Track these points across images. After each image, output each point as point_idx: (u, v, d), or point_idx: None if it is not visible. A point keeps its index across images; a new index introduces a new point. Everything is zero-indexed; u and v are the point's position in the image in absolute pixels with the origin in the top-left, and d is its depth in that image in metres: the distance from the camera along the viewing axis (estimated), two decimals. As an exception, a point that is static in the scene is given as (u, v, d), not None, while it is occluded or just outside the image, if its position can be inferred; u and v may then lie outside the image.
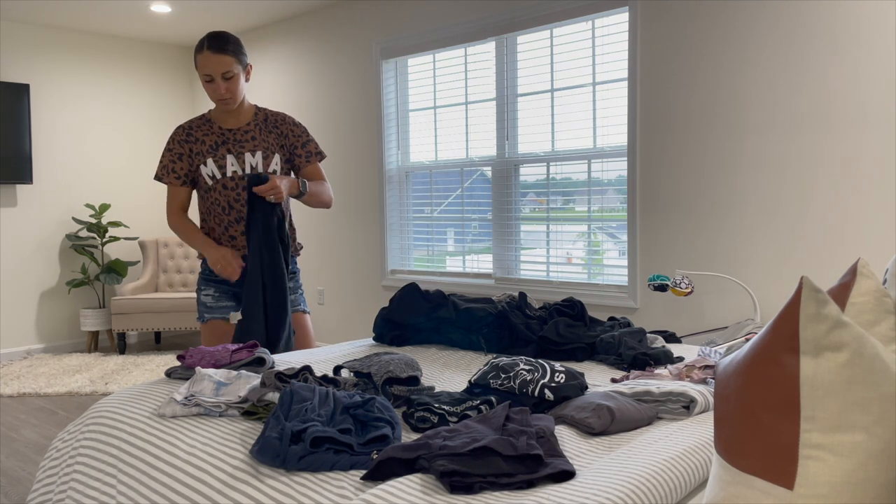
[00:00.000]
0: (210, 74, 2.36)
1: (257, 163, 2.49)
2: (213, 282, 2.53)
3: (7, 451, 3.44)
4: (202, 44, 2.36)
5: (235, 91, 2.41)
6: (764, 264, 3.30)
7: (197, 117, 2.54)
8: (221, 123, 2.51)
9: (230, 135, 2.50)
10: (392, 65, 4.86)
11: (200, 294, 2.54)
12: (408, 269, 4.88)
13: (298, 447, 1.30)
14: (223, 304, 2.53)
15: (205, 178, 2.47)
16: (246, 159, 2.48)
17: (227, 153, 2.47)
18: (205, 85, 2.40)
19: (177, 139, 2.48)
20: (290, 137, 2.56)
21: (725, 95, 3.36)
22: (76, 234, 5.66)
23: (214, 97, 2.41)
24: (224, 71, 2.36)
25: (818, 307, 0.83)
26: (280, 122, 2.56)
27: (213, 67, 2.35)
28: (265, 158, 2.52)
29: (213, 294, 2.52)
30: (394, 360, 1.73)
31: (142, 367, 5.05)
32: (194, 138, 2.49)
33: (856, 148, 3.02)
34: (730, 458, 0.88)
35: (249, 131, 2.51)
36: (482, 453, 1.22)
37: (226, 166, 2.46)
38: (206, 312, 2.52)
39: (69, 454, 1.68)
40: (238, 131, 2.50)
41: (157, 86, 6.31)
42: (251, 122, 2.53)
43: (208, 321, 2.51)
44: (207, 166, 2.46)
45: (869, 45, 2.96)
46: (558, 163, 4.05)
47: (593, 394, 1.56)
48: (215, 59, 2.34)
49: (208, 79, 2.37)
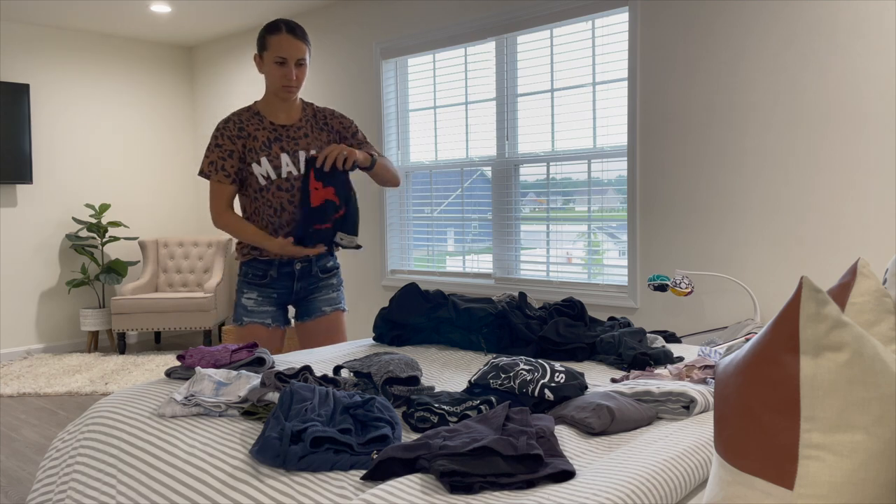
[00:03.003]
0: (285, 57, 2.27)
1: None
2: (255, 286, 2.44)
3: (7, 451, 3.44)
4: (277, 26, 2.28)
5: (302, 80, 2.33)
6: (764, 264, 3.30)
7: (243, 109, 2.40)
8: (272, 118, 2.39)
9: (283, 131, 2.38)
10: (392, 65, 4.86)
11: (241, 297, 2.45)
12: (408, 269, 4.88)
13: (298, 447, 1.30)
14: (264, 309, 2.44)
15: (257, 178, 2.35)
16: (301, 158, 2.38)
17: (282, 151, 2.35)
18: (271, 68, 2.30)
19: (227, 134, 2.34)
20: (340, 132, 2.48)
21: (725, 95, 3.36)
22: (76, 234, 5.66)
23: (282, 82, 2.30)
24: (300, 57, 2.28)
25: (818, 307, 0.83)
26: (329, 117, 2.48)
27: (290, 51, 2.26)
28: None
29: (256, 298, 2.44)
30: (394, 360, 1.73)
31: (142, 367, 5.05)
32: (247, 133, 2.35)
33: (856, 148, 3.01)
34: (730, 458, 0.88)
35: (301, 128, 2.41)
36: (482, 453, 1.22)
37: (281, 166, 2.34)
38: (246, 316, 2.43)
39: (69, 454, 1.68)
40: (291, 128, 2.39)
41: (157, 86, 6.31)
42: (302, 118, 2.43)
43: (247, 325, 2.43)
44: (262, 166, 2.33)
45: (869, 45, 2.96)
46: (558, 163, 4.05)
47: (593, 394, 1.56)
48: (295, 43, 2.27)
49: (281, 61, 2.27)
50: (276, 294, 2.46)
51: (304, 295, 2.52)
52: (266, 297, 2.45)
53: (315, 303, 2.53)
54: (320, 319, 2.53)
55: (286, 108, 2.40)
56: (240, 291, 2.47)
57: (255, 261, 2.44)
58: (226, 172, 2.35)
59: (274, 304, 2.47)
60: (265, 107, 2.40)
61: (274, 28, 2.29)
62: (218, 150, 2.34)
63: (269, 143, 2.35)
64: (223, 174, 2.35)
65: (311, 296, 2.52)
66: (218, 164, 2.34)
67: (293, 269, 2.46)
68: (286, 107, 2.40)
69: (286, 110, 2.40)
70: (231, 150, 2.34)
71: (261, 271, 2.44)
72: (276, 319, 2.48)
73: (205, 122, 6.43)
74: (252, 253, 2.43)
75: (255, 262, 2.44)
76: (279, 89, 2.33)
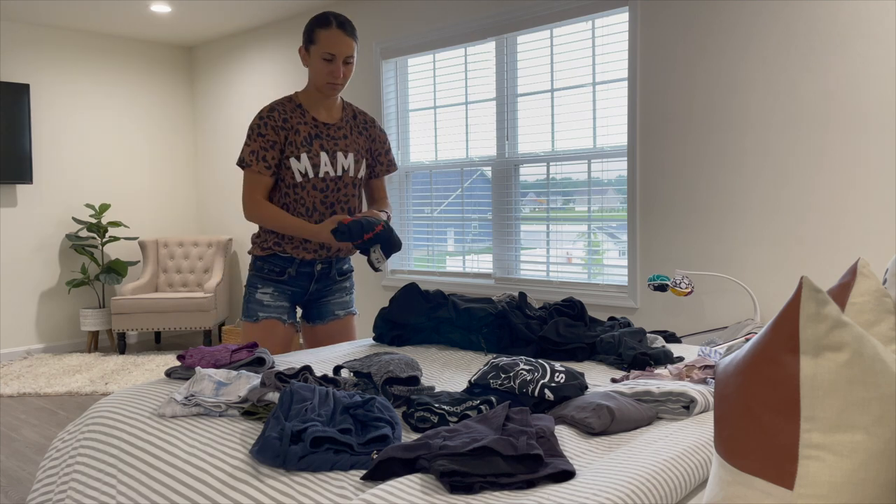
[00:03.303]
0: (333, 53, 2.19)
1: (349, 165, 2.34)
2: (272, 281, 2.36)
3: (7, 451, 3.44)
4: (327, 20, 2.19)
5: (348, 78, 2.27)
6: (764, 264, 3.30)
7: (285, 100, 2.30)
8: (314, 113, 2.31)
9: (324, 129, 2.30)
10: (392, 65, 4.86)
11: (256, 291, 2.36)
12: (408, 269, 4.88)
13: (298, 447, 1.30)
14: (280, 304, 2.37)
15: (293, 173, 2.27)
16: (339, 160, 2.31)
17: (321, 150, 2.28)
18: (318, 63, 2.21)
19: (270, 124, 2.24)
20: (376, 142, 2.42)
21: (725, 95, 3.36)
22: (76, 234, 5.66)
23: (328, 79, 2.23)
24: (348, 54, 2.21)
25: (818, 307, 0.83)
26: (370, 125, 2.42)
27: (340, 47, 2.19)
28: (356, 162, 2.36)
29: (272, 293, 2.36)
30: (394, 360, 1.73)
31: (142, 367, 5.05)
32: (290, 126, 2.26)
33: (856, 148, 3.02)
34: (730, 458, 0.88)
35: (342, 128, 2.34)
36: (482, 453, 1.22)
37: (319, 164, 2.27)
38: (261, 311, 2.35)
39: (69, 454, 1.68)
40: (332, 126, 2.32)
41: (157, 86, 6.31)
42: (342, 118, 2.35)
43: (262, 320, 2.35)
44: (301, 161, 2.25)
45: (869, 45, 2.96)
46: (558, 163, 4.05)
47: (593, 394, 1.56)
48: (345, 40, 2.19)
49: (329, 57, 2.19)
50: (291, 292, 2.40)
51: (318, 297, 2.47)
52: (282, 292, 2.37)
53: (328, 306, 2.49)
54: (332, 323, 2.50)
55: (328, 105, 2.33)
56: (252, 286, 2.38)
57: (275, 256, 2.36)
58: (266, 164, 2.25)
59: (288, 300, 2.40)
60: (307, 100, 2.32)
61: (324, 22, 2.20)
62: (261, 139, 2.24)
63: (310, 139, 2.27)
64: (264, 165, 2.25)
65: (324, 298, 2.48)
66: (260, 153, 2.24)
67: (313, 269, 2.40)
68: (328, 104, 2.33)
69: (328, 107, 2.33)
70: (274, 141, 2.25)
71: (279, 267, 2.36)
72: (290, 316, 2.42)
73: (205, 122, 6.43)
74: (273, 248, 2.35)
75: (275, 257, 2.36)
76: (324, 86, 2.26)
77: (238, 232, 6.20)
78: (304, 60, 2.28)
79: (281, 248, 2.34)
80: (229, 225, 6.29)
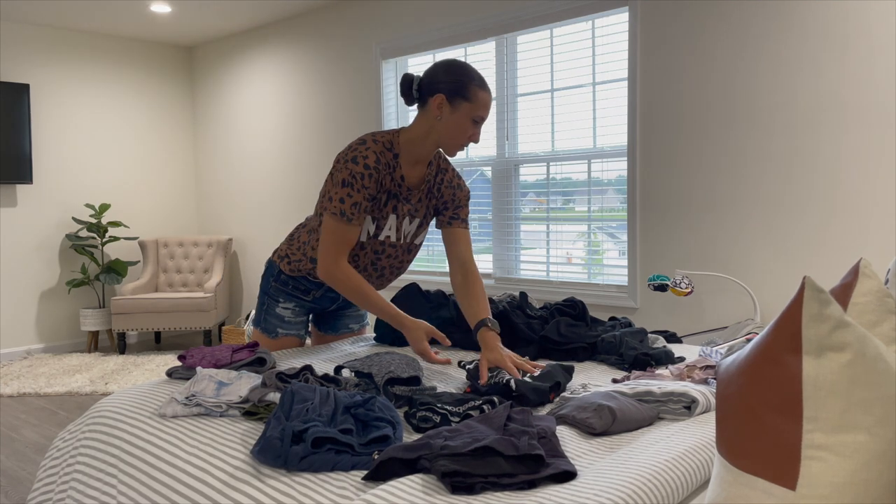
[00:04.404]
0: (484, 118, 1.97)
1: (411, 231, 2.14)
2: (294, 297, 2.25)
3: (7, 451, 3.44)
4: (484, 82, 1.96)
5: None
6: (764, 264, 3.30)
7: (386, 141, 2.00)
8: (405, 169, 2.03)
9: (405, 192, 2.05)
10: (392, 65, 4.86)
11: (277, 306, 2.24)
12: (408, 269, 4.88)
13: (300, 447, 1.30)
14: (300, 320, 2.29)
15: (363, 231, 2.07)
16: (404, 226, 2.11)
17: (393, 212, 2.06)
18: (463, 122, 1.94)
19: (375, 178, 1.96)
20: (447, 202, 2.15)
21: (725, 95, 3.36)
22: (76, 234, 5.66)
23: (465, 141, 1.99)
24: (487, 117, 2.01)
25: (821, 307, 0.83)
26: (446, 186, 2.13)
27: (488, 112, 1.97)
28: (419, 227, 2.15)
29: (294, 309, 2.26)
30: (395, 359, 1.73)
31: (142, 367, 5.05)
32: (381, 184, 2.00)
33: (856, 148, 3.02)
34: (732, 458, 0.88)
35: (418, 192, 2.08)
36: (483, 453, 1.22)
37: (384, 228, 2.07)
38: (281, 327, 2.25)
39: (69, 454, 1.68)
40: (412, 189, 2.06)
41: (157, 86, 6.31)
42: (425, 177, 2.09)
43: (281, 337, 2.26)
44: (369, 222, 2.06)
45: (869, 45, 2.96)
46: (558, 163, 4.05)
47: (595, 394, 1.56)
48: (491, 103, 1.99)
49: (479, 120, 1.95)
50: (312, 307, 2.33)
51: (334, 309, 2.42)
52: (302, 307, 2.29)
53: (343, 318, 2.45)
54: (345, 335, 2.47)
55: (423, 161, 2.05)
56: (273, 300, 2.26)
57: (304, 279, 2.23)
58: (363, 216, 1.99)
59: (306, 313, 2.33)
60: (406, 150, 2.02)
61: (482, 83, 1.96)
62: (364, 192, 1.96)
63: (388, 198, 2.03)
64: (362, 218, 1.98)
65: (341, 311, 2.44)
66: (362, 205, 1.96)
67: (339, 295, 2.31)
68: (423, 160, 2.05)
69: (422, 165, 2.06)
70: (371, 196, 1.98)
71: (305, 287, 2.25)
72: (307, 331, 2.38)
73: (205, 122, 6.43)
74: (302, 271, 2.20)
75: (304, 279, 2.23)
76: (453, 146, 1.99)
77: (238, 232, 6.20)
78: (441, 111, 1.94)
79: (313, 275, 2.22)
80: (229, 225, 6.29)
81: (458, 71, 1.95)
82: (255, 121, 5.92)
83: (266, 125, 5.82)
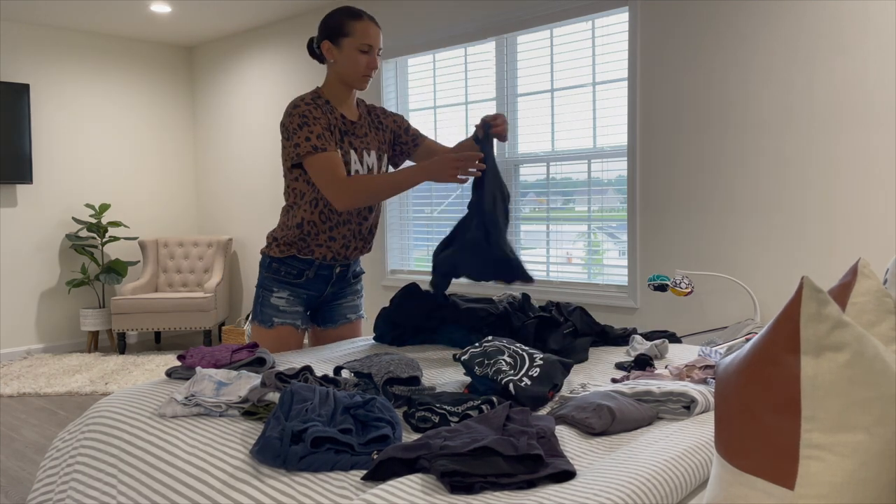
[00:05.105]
0: (371, 45, 2.15)
1: (373, 163, 2.27)
2: (288, 284, 2.27)
3: (7, 451, 3.44)
4: (359, 13, 2.16)
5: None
6: (764, 264, 3.30)
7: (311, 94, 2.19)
8: (341, 110, 2.24)
9: (351, 126, 2.23)
10: (392, 65, 4.86)
11: (271, 296, 2.27)
12: (408, 269, 4.88)
13: (299, 447, 1.30)
14: (296, 310, 2.30)
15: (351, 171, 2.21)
16: (364, 158, 2.24)
17: (351, 148, 2.21)
18: (353, 55, 2.15)
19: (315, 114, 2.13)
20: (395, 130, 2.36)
21: (725, 95, 3.36)
22: (76, 234, 5.66)
23: (365, 70, 2.17)
24: (380, 46, 2.19)
25: (819, 307, 0.83)
26: (382, 116, 2.35)
27: (376, 38, 2.16)
28: (379, 159, 2.28)
29: (288, 297, 2.27)
30: (394, 360, 1.73)
31: (142, 367, 5.05)
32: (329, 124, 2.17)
33: (856, 148, 3.02)
34: (730, 458, 0.88)
35: (363, 126, 2.27)
36: (483, 453, 1.22)
37: (350, 164, 2.20)
38: (277, 316, 2.26)
39: (69, 454, 1.68)
40: (357, 124, 2.25)
41: (157, 86, 6.31)
42: (361, 115, 2.29)
43: (277, 326, 2.27)
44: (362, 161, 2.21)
45: (869, 45, 2.96)
46: (558, 163, 4.05)
47: (594, 393, 1.56)
48: (377, 31, 2.17)
49: (366, 48, 2.15)
50: (307, 295, 2.33)
51: (330, 300, 2.43)
52: (297, 296, 2.30)
53: (339, 309, 2.45)
54: (343, 327, 2.46)
55: (350, 102, 2.26)
56: (267, 289, 2.28)
57: (294, 258, 2.26)
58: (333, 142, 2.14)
59: (303, 304, 2.33)
60: (332, 97, 2.23)
61: (356, 14, 2.16)
62: (316, 122, 2.12)
63: (341, 137, 2.20)
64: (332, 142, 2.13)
65: (336, 301, 2.44)
66: (324, 135, 2.12)
67: (332, 272, 2.33)
68: (350, 101, 2.26)
69: (350, 105, 2.26)
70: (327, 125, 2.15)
71: (297, 269, 2.27)
72: (304, 321, 2.36)
73: (205, 122, 6.43)
74: (290, 250, 2.25)
75: (294, 259, 2.26)
76: (359, 78, 2.19)
77: (238, 232, 6.20)
78: (331, 54, 2.18)
79: (302, 249, 2.25)
80: (229, 225, 6.29)
81: (334, 14, 2.18)
82: (254, 121, 5.92)
83: (266, 125, 5.82)
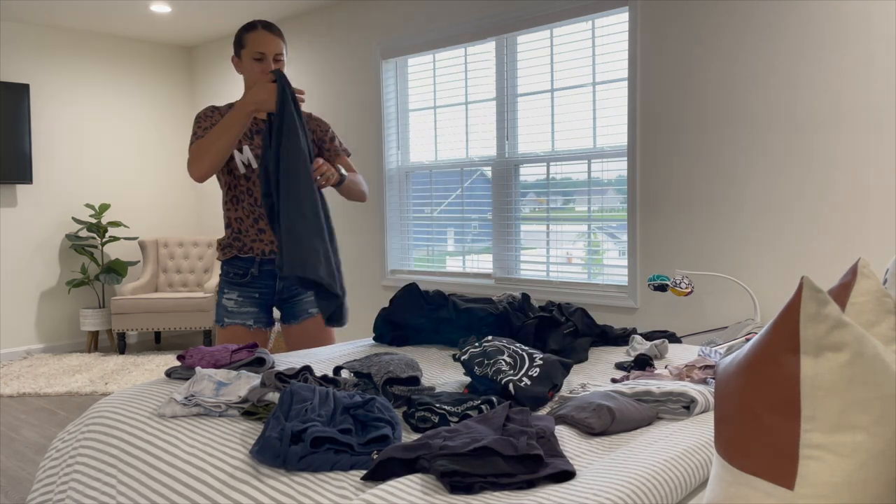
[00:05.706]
0: (263, 52, 2.30)
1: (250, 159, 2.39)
2: (236, 285, 2.38)
3: (7, 451, 3.44)
4: (253, 24, 2.33)
5: None
6: (764, 264, 3.30)
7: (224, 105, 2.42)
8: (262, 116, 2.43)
9: (264, 125, 2.38)
10: (392, 65, 4.86)
11: (222, 297, 2.39)
12: (408, 269, 4.88)
13: (298, 447, 1.30)
14: (245, 310, 2.38)
15: (238, 165, 2.34)
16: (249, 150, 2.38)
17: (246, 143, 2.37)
18: (251, 64, 2.32)
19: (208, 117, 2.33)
20: (317, 132, 2.49)
21: (725, 95, 3.36)
22: (76, 234, 5.66)
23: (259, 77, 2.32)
24: (277, 52, 2.32)
25: (819, 307, 0.83)
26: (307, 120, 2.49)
27: (268, 46, 2.30)
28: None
29: (237, 299, 2.37)
30: (394, 360, 1.73)
31: (142, 367, 5.05)
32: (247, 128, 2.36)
33: (856, 148, 3.02)
34: (730, 458, 0.88)
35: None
36: (482, 453, 1.22)
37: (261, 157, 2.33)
38: (227, 317, 2.37)
39: (69, 454, 1.68)
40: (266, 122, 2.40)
41: (157, 86, 6.31)
42: None
43: (228, 326, 2.37)
44: (243, 153, 2.34)
45: (869, 45, 2.96)
46: (558, 163, 4.05)
47: (594, 394, 1.56)
48: (272, 38, 2.31)
49: (259, 57, 2.30)
50: (258, 294, 2.39)
51: (288, 296, 2.45)
52: (247, 297, 2.39)
53: (301, 304, 2.46)
54: (307, 322, 2.46)
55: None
56: (221, 291, 2.41)
57: (236, 259, 2.38)
58: None
59: (256, 304, 2.40)
60: None
61: (249, 26, 2.33)
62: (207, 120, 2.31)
63: (251, 135, 2.36)
64: None
65: (296, 297, 2.45)
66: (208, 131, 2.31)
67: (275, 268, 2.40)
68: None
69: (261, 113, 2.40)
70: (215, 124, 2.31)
71: (241, 269, 2.38)
72: (258, 321, 2.40)
73: (205, 122, 6.42)
74: (231, 251, 2.38)
75: (236, 259, 2.38)
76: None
77: (238, 232, 6.20)
78: (238, 68, 2.37)
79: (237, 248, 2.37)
80: (229, 225, 6.28)
81: (237, 32, 2.40)
82: (255, 121, 5.92)
83: (266, 125, 5.82)
